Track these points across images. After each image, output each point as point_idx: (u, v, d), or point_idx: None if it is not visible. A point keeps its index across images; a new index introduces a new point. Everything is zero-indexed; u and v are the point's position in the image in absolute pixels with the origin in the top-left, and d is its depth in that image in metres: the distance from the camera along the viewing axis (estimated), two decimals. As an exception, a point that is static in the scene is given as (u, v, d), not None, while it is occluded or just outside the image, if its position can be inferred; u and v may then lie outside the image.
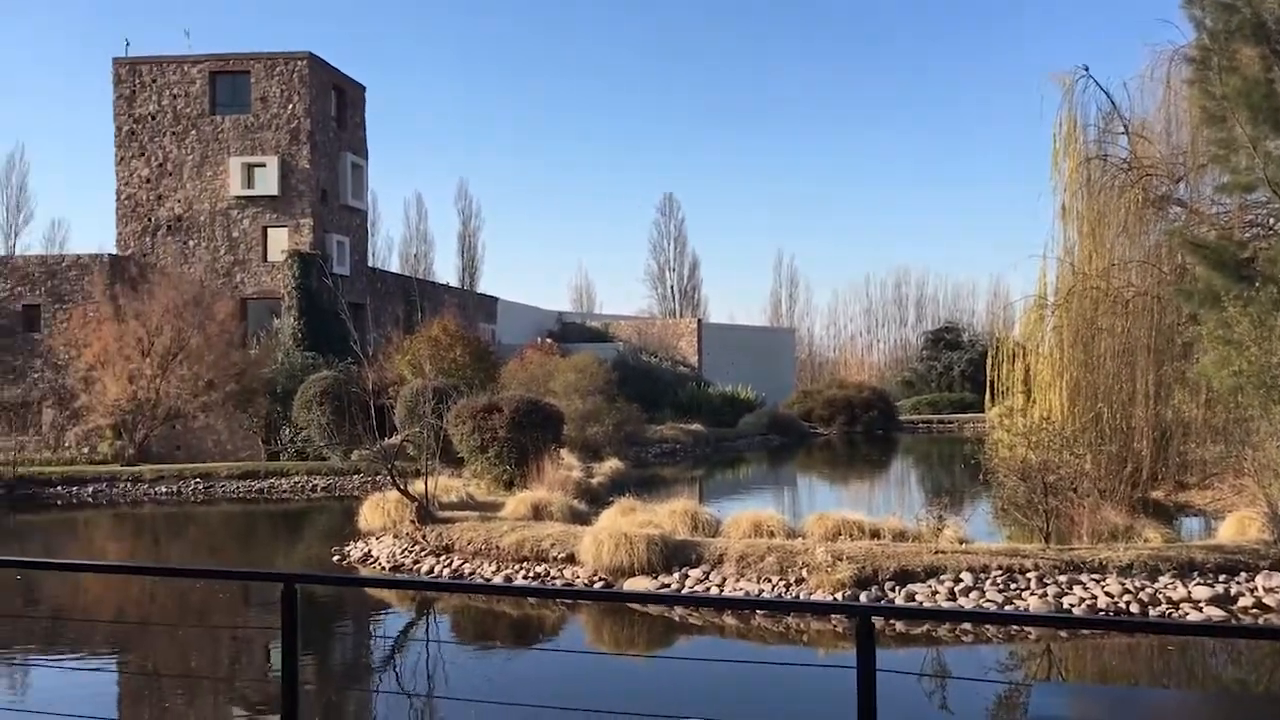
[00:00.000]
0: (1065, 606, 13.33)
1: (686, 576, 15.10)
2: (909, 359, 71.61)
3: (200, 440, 35.00)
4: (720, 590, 14.68)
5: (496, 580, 16.16)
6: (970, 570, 14.07)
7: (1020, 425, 18.54)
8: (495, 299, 52.96)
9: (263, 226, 36.82)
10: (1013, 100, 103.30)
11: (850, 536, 15.91)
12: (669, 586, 14.93)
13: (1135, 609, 13.22)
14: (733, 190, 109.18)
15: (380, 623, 15.45)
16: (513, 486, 22.84)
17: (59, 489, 29.96)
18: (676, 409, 44.90)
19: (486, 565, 16.83)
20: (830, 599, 13.71)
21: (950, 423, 52.40)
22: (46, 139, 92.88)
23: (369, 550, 18.75)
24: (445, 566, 17.14)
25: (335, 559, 18.83)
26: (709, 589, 14.77)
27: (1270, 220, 19.24)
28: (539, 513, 19.12)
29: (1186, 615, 13.12)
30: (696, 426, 42.91)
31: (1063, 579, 13.83)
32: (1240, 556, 14.40)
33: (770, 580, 14.62)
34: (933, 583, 13.98)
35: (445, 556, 17.47)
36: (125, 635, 14.05)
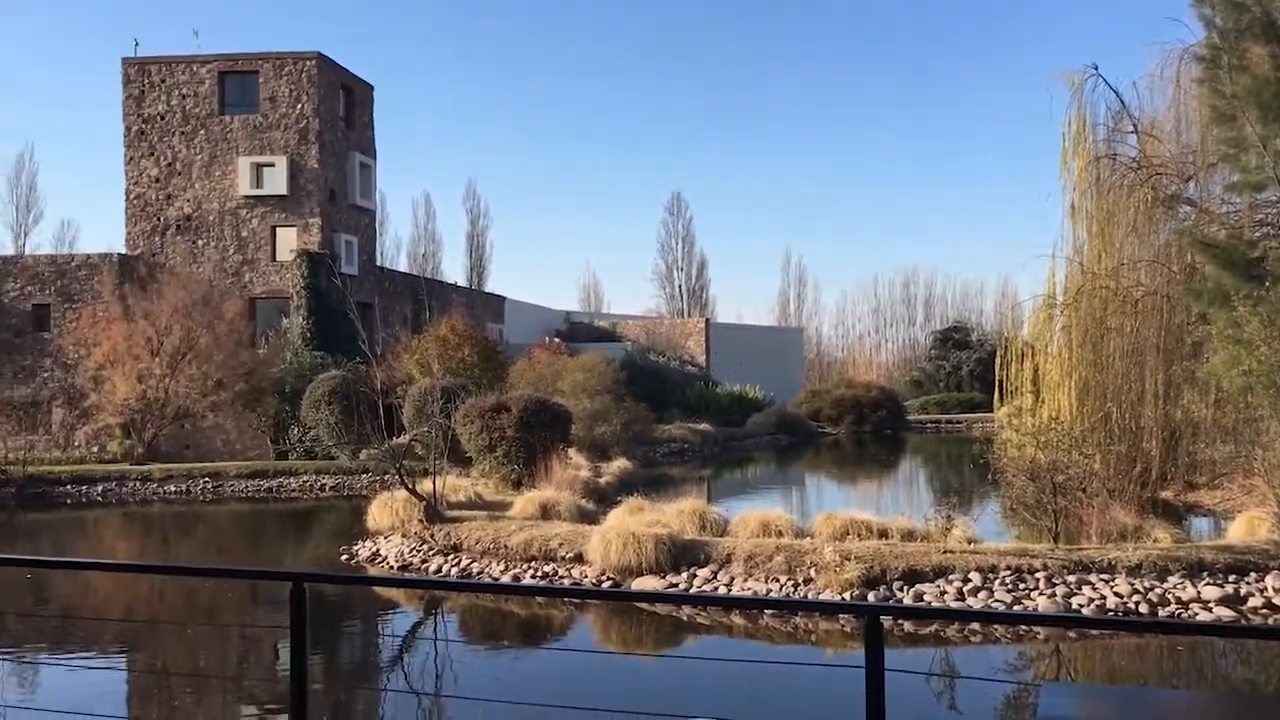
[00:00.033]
0: (1074, 606, 13.29)
1: (694, 576, 15.09)
2: (917, 358, 71.52)
3: (209, 440, 35.09)
4: (728, 590, 14.67)
5: (504, 579, 16.18)
6: (979, 570, 14.04)
7: (1029, 425, 18.51)
8: (503, 298, 53.00)
9: (271, 226, 36.88)
10: (1019, 100, 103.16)
11: (858, 536, 15.89)
12: (677, 586, 14.92)
13: (1144, 609, 13.18)
14: (741, 190, 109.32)
15: (388, 622, 15.47)
16: (521, 486, 22.86)
17: (68, 488, 30.07)
18: (684, 409, 44.89)
19: (494, 564, 16.85)
20: (838, 599, 13.71)
21: (959, 422, 52.28)
22: (56, 139, 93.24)
23: (377, 549, 18.78)
24: (453, 566, 17.16)
25: (343, 558, 18.86)
26: (717, 588, 14.77)
27: (1280, 219, 19.19)
28: (547, 512, 19.12)
29: (1196, 615, 13.07)
30: (704, 426, 42.90)
31: (1071, 579, 13.79)
32: (1250, 557, 14.35)
33: (778, 580, 14.60)
34: (941, 583, 13.95)
35: (453, 556, 17.49)
36: (134, 634, 14.10)
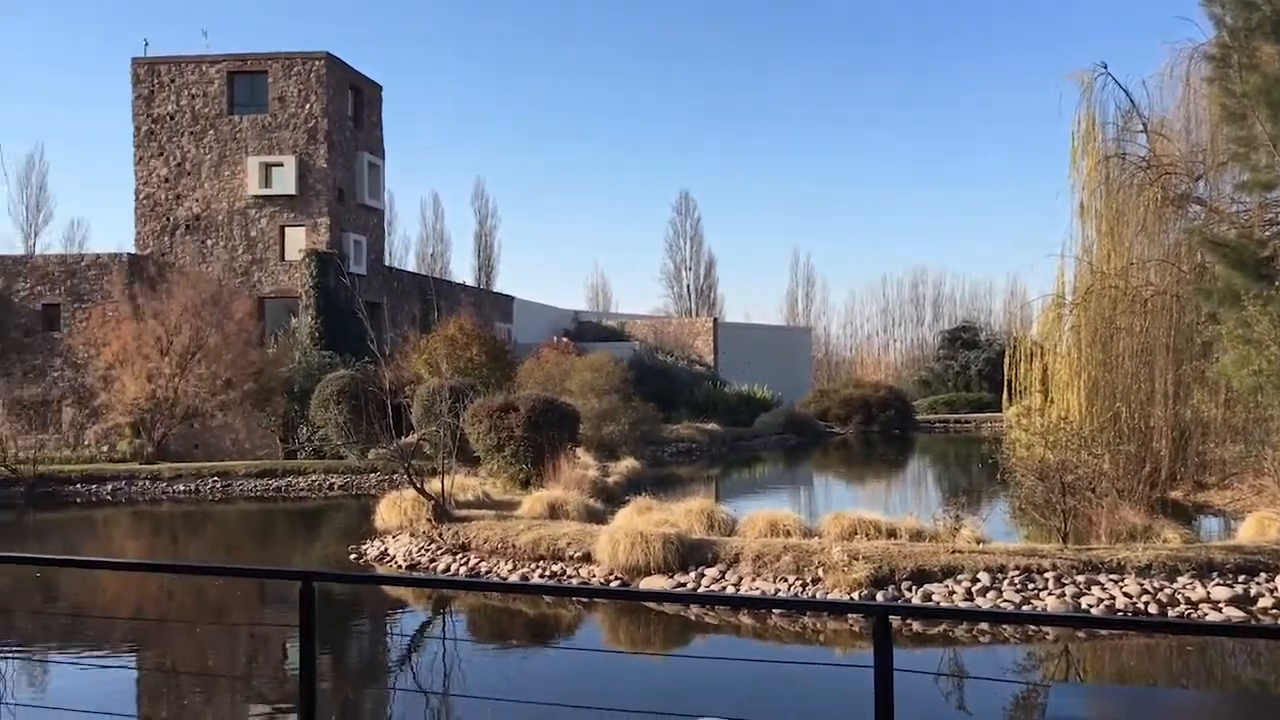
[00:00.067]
0: (1083, 607, 13.27)
1: (702, 575, 15.08)
2: (926, 358, 71.40)
3: (218, 439, 35.16)
4: (736, 589, 14.67)
5: (513, 579, 16.18)
6: (987, 570, 14.02)
7: (1038, 425, 18.47)
8: (511, 298, 53.01)
9: (280, 226, 36.94)
10: (1028, 99, 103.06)
11: (867, 536, 15.86)
12: (685, 585, 14.91)
13: (1154, 609, 13.15)
14: (748, 190, 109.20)
15: (397, 621, 15.49)
16: (529, 485, 22.87)
17: (78, 487, 30.15)
18: (692, 408, 44.87)
19: (503, 564, 16.86)
20: (846, 599, 13.69)
21: (967, 422, 52.20)
22: (66, 139, 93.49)
23: (386, 548, 18.80)
24: (461, 565, 17.17)
25: (352, 557, 18.89)
26: (725, 588, 14.76)
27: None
28: (555, 511, 19.13)
29: (1205, 616, 13.03)
30: (712, 426, 42.86)
31: (1081, 579, 13.76)
32: (1260, 557, 14.31)
33: (786, 580, 14.59)
34: (950, 583, 13.93)
35: (461, 555, 17.50)
36: (144, 632, 14.14)
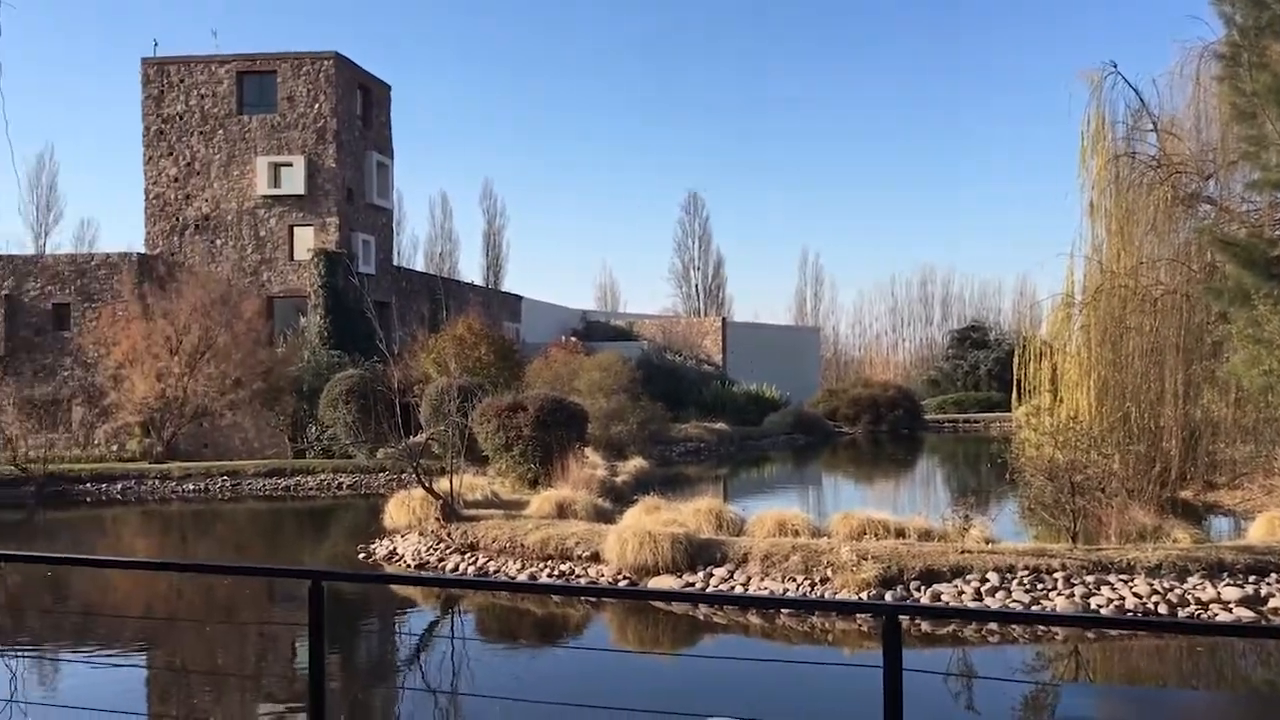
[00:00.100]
0: (1093, 607, 13.23)
1: (711, 575, 15.08)
2: (934, 358, 71.30)
3: (227, 438, 35.24)
4: (745, 589, 14.66)
5: (521, 578, 16.19)
6: (996, 570, 13.98)
7: (1047, 424, 18.41)
8: (520, 297, 53.06)
9: (289, 225, 37.02)
10: (1036, 99, 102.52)
11: (875, 536, 15.83)
12: (693, 585, 14.91)
13: (1164, 610, 13.11)
14: (757, 189, 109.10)
15: (405, 620, 15.51)
16: (537, 485, 22.87)
17: (88, 486, 30.25)
18: (701, 408, 44.84)
19: (511, 563, 16.87)
20: (855, 598, 13.68)
21: (976, 422, 52.07)
22: (76, 139, 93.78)
23: (394, 548, 18.82)
24: (470, 564, 17.19)
25: (361, 556, 18.91)
26: (733, 588, 14.75)
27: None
28: (563, 511, 19.14)
29: (1216, 616, 12.99)
30: (721, 425, 42.84)
31: (1090, 579, 13.73)
32: (1270, 557, 14.24)
33: (795, 579, 14.58)
34: (959, 582, 13.90)
35: (470, 554, 17.51)
36: (154, 631, 14.18)
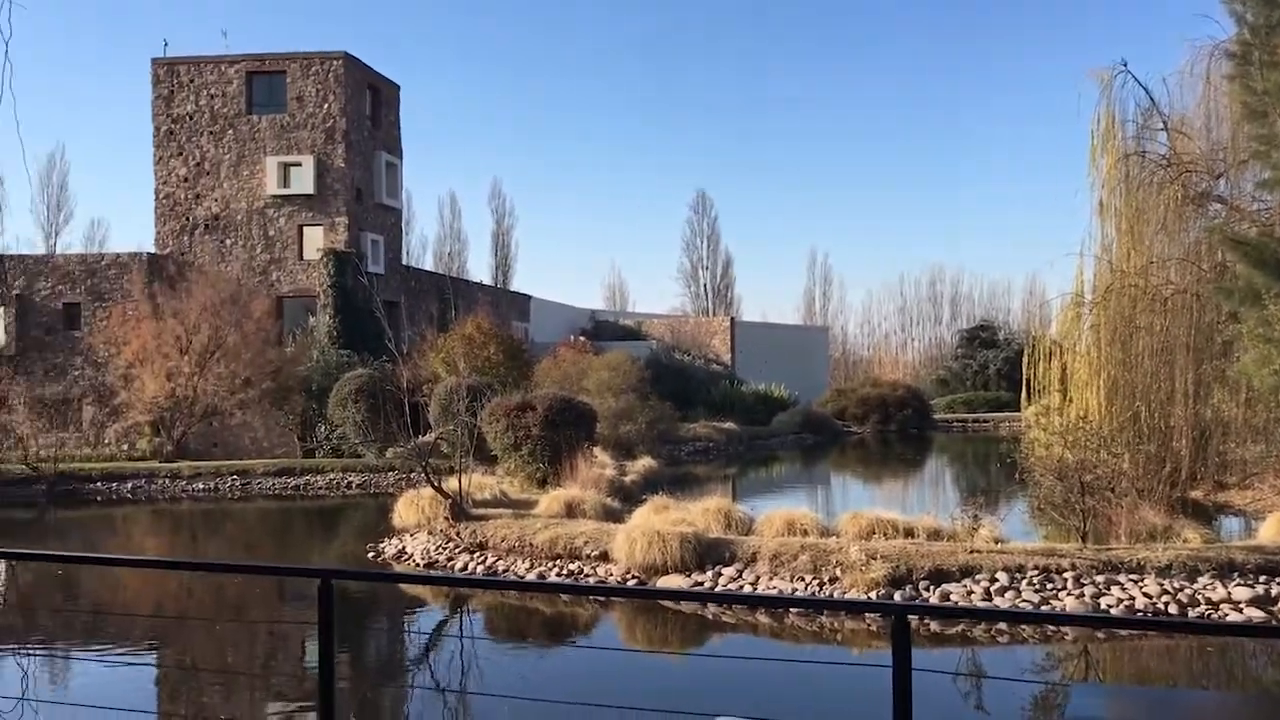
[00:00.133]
0: (1103, 607, 13.20)
1: (720, 575, 15.08)
2: (944, 357, 71.15)
3: (237, 437, 35.31)
4: (753, 588, 14.65)
5: (530, 577, 16.20)
6: (1006, 570, 13.96)
7: (1057, 424, 18.37)
8: (529, 297, 53.08)
9: (298, 225, 37.07)
10: (1046, 98, 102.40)
11: (884, 535, 15.82)
12: (702, 584, 14.91)
13: (1174, 610, 13.07)
14: (766, 189, 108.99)
15: (414, 619, 15.53)
16: (546, 484, 22.89)
17: (99, 485, 30.34)
18: (709, 407, 44.82)
19: (520, 562, 16.89)
20: (864, 598, 13.66)
21: (985, 421, 51.96)
22: (86, 139, 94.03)
23: (403, 547, 18.84)
24: (479, 563, 17.21)
25: (370, 555, 18.94)
26: (742, 587, 14.74)
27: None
28: (572, 510, 19.15)
29: (1226, 616, 12.95)
30: (730, 425, 42.81)
31: (1100, 579, 13.70)
32: (1281, 557, 14.21)
33: (804, 579, 14.56)
34: (968, 582, 13.88)
35: (479, 553, 17.54)
36: (164, 630, 14.22)
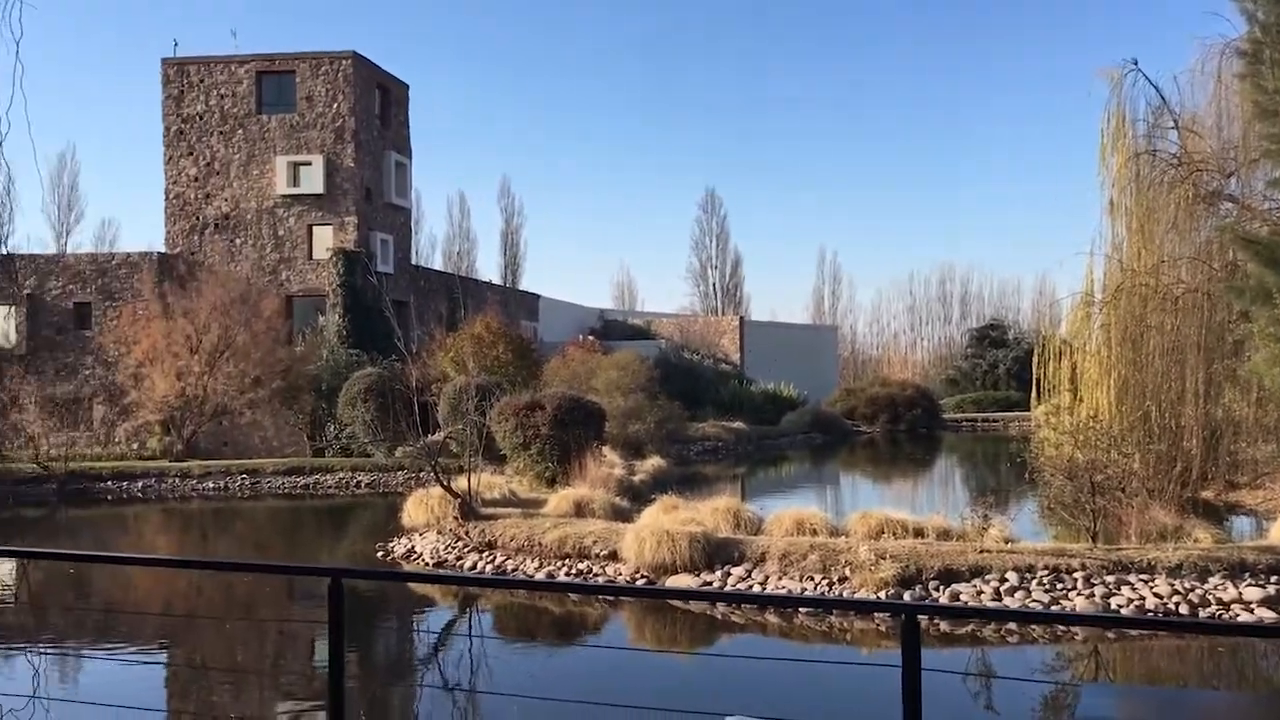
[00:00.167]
0: (1113, 607, 13.16)
1: (729, 574, 15.07)
2: (953, 356, 71.04)
3: (247, 436, 35.39)
4: (763, 588, 14.64)
5: (539, 576, 16.21)
6: (1016, 570, 13.92)
7: (1067, 424, 18.34)
8: (537, 296, 53.11)
9: (308, 225, 37.15)
10: (1056, 97, 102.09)
11: (894, 535, 15.80)
12: (711, 584, 14.90)
13: (1184, 610, 13.03)
14: (775, 188, 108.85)
15: (424, 618, 15.56)
16: (555, 483, 22.90)
17: (109, 484, 30.43)
18: (718, 407, 44.80)
19: (529, 562, 16.90)
20: (874, 598, 13.64)
21: (995, 421, 51.85)
22: (97, 139, 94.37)
23: (413, 546, 18.87)
24: (488, 563, 17.22)
25: (379, 554, 18.97)
26: (751, 587, 14.73)
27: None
28: (581, 510, 19.16)
29: (1237, 616, 12.90)
30: (739, 424, 42.80)
31: (1110, 579, 13.65)
32: (1293, 558, 14.15)
33: (813, 579, 14.55)
34: (977, 582, 13.85)
35: (488, 553, 17.55)
36: (173, 628, 14.25)
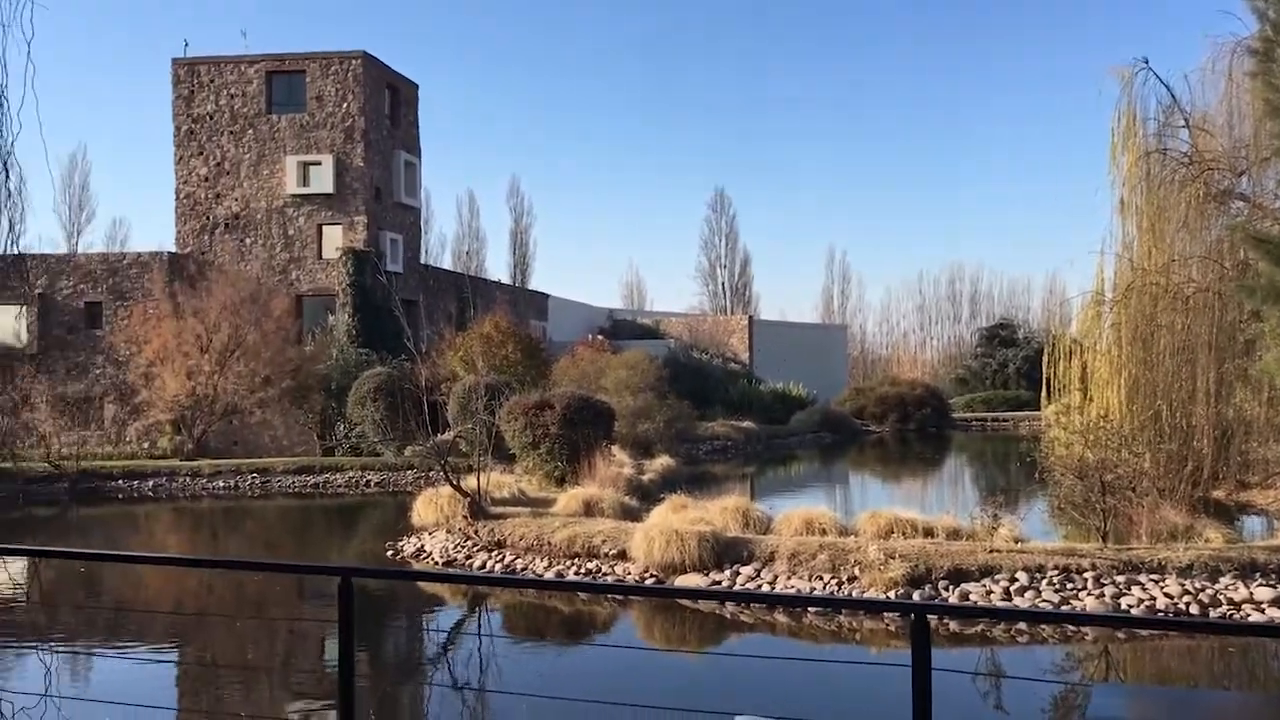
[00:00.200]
0: (1123, 607, 13.13)
1: (738, 574, 15.07)
2: (963, 356, 70.87)
3: (257, 436, 35.47)
4: (772, 588, 14.64)
5: (548, 576, 16.23)
6: (1026, 570, 13.90)
7: (1077, 423, 18.29)
8: (547, 296, 53.13)
9: (318, 224, 37.21)
10: (1066, 95, 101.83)
11: (903, 535, 15.78)
12: (720, 583, 14.91)
13: (1195, 610, 13.00)
14: (778, 188, 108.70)
15: (433, 617, 15.58)
16: (564, 483, 22.92)
17: (120, 483, 30.54)
18: (728, 406, 44.77)
19: (538, 561, 16.91)
20: (883, 597, 13.62)
21: (1005, 420, 51.69)
22: (108, 139, 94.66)
23: (422, 545, 18.90)
24: (497, 562, 17.25)
25: (389, 554, 19.01)
26: (760, 586, 14.74)
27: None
28: (590, 509, 19.17)
29: (1248, 616, 12.87)
30: (748, 424, 42.76)
31: (1120, 579, 13.63)
32: (1304, 558, 14.10)
33: (822, 578, 14.54)
34: (987, 582, 13.83)
35: (497, 552, 17.57)
36: (184, 627, 14.29)
